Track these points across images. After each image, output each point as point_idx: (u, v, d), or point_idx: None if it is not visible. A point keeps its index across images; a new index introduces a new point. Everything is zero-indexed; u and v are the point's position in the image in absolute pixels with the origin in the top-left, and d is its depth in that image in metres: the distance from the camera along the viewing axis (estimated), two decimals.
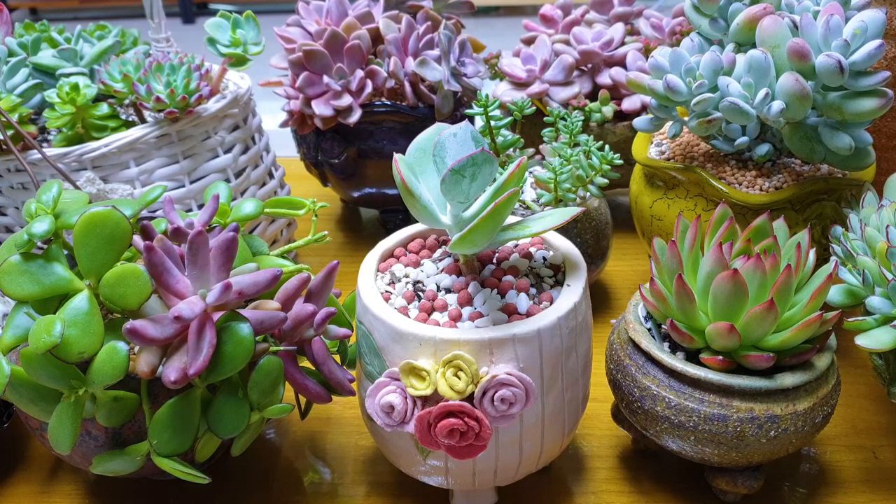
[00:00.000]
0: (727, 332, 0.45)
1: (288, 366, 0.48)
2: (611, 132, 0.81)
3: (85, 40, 0.74)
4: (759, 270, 0.46)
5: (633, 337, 0.50)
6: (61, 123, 0.65)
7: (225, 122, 0.72)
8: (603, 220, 0.69)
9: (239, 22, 0.73)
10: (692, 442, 0.48)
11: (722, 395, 0.46)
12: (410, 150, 0.47)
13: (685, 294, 0.47)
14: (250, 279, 0.43)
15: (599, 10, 0.90)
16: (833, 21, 0.52)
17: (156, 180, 0.67)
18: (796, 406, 0.46)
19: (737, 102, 0.55)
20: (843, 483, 0.54)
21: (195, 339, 0.42)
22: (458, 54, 0.78)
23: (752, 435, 0.46)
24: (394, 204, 0.85)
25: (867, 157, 0.58)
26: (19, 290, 0.43)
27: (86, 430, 0.47)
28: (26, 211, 0.47)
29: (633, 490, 0.54)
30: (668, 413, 0.48)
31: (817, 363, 0.48)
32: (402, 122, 0.77)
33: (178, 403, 0.44)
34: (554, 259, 0.51)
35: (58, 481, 0.57)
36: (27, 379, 0.43)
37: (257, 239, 0.56)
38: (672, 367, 0.47)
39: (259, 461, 0.58)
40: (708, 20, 0.62)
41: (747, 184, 0.61)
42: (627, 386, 0.50)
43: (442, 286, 0.48)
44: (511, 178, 0.44)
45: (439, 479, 0.49)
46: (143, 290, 0.42)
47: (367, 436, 0.59)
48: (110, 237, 0.44)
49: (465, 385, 0.43)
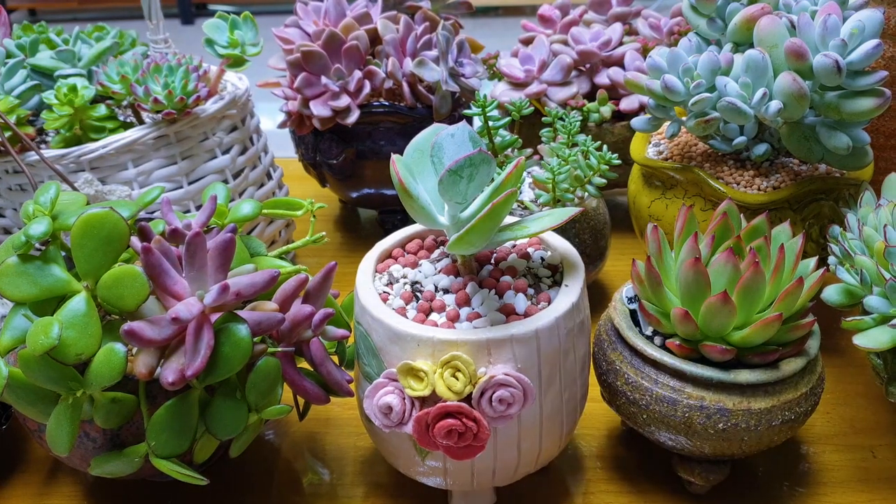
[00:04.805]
0: (682, 318, 0.46)
1: (286, 367, 0.48)
2: (609, 132, 0.81)
3: (83, 42, 0.74)
4: (729, 265, 0.46)
5: (610, 313, 0.53)
6: (59, 125, 0.65)
7: (223, 123, 0.71)
8: (601, 220, 0.69)
9: (237, 23, 0.73)
10: (644, 420, 0.49)
11: (675, 379, 0.48)
12: (408, 150, 0.47)
13: (653, 276, 0.48)
14: (248, 280, 0.43)
15: (597, 10, 0.90)
16: (830, 21, 0.52)
17: (154, 181, 0.67)
18: (751, 404, 0.47)
19: (734, 102, 0.55)
20: (841, 482, 0.54)
21: (193, 340, 0.42)
22: (457, 55, 0.78)
23: (700, 423, 0.47)
24: (392, 204, 0.84)
25: (865, 157, 0.58)
26: (17, 292, 0.43)
27: (84, 431, 0.47)
28: (24, 212, 0.47)
29: (632, 490, 0.54)
30: (625, 388, 0.50)
31: (785, 367, 0.47)
32: (400, 122, 0.77)
33: (176, 405, 0.44)
34: (552, 259, 0.51)
35: (56, 483, 0.57)
36: (25, 381, 0.43)
37: (255, 240, 0.56)
38: (634, 345, 0.49)
39: (257, 462, 0.58)
40: (706, 20, 0.62)
41: (745, 183, 0.61)
42: (598, 359, 0.53)
43: (440, 287, 0.48)
44: (509, 179, 0.44)
45: (438, 480, 0.49)
46: (141, 291, 0.42)
47: (366, 437, 0.59)
48: (108, 238, 0.43)
49: (463, 386, 0.43)
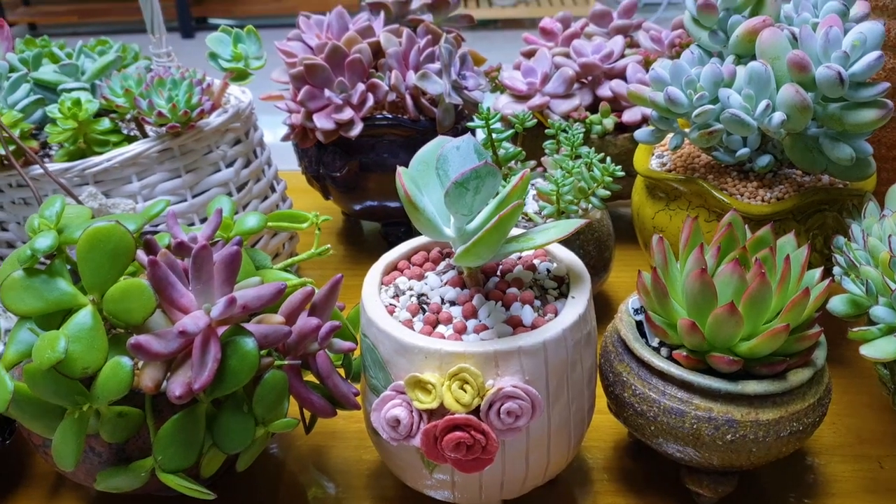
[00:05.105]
0: (689, 329, 0.46)
1: (292, 380, 0.47)
2: (611, 144, 0.81)
3: (86, 55, 0.75)
4: (735, 275, 0.46)
5: (617, 325, 0.52)
6: (63, 138, 0.65)
7: (227, 137, 0.72)
8: (605, 232, 0.69)
9: (240, 36, 0.74)
10: (651, 432, 0.49)
11: (683, 391, 0.48)
12: (413, 163, 0.47)
13: (659, 288, 0.48)
14: (254, 293, 0.43)
15: (599, 22, 0.91)
16: (832, 33, 0.53)
17: (158, 195, 0.67)
18: (759, 415, 0.47)
19: (738, 114, 0.55)
20: (848, 493, 0.54)
21: (199, 353, 0.42)
22: (459, 67, 0.78)
23: (708, 434, 0.47)
24: (395, 217, 0.85)
25: (868, 168, 0.58)
26: (22, 306, 0.43)
27: (89, 446, 0.47)
28: (29, 226, 0.47)
29: (640, 502, 0.54)
30: (632, 400, 0.49)
31: (792, 377, 0.47)
32: (403, 135, 0.77)
33: (182, 419, 0.44)
34: (558, 271, 0.51)
35: (59, 499, 0.56)
36: (31, 395, 0.43)
37: (260, 253, 0.56)
38: (641, 356, 0.49)
39: (263, 476, 0.58)
40: (708, 32, 0.63)
41: (749, 195, 0.61)
42: (605, 371, 0.53)
43: (446, 299, 0.48)
44: (515, 191, 0.44)
45: (445, 493, 0.48)
46: (148, 304, 0.42)
47: (372, 450, 0.59)
48: (114, 252, 0.43)
49: (471, 398, 0.42)
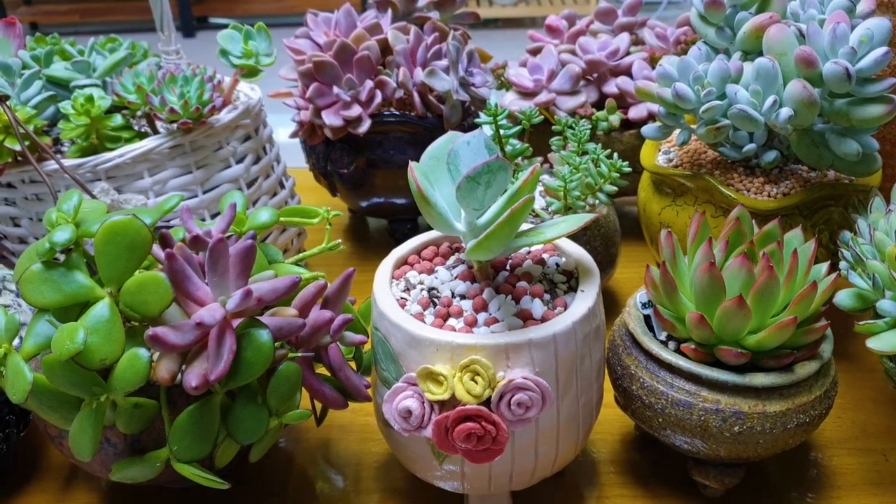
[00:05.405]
0: (698, 322, 0.47)
1: (305, 372, 0.48)
2: (617, 140, 0.82)
3: (97, 53, 0.75)
4: (743, 269, 0.46)
5: (625, 319, 0.53)
6: (76, 134, 0.66)
7: (237, 133, 0.72)
8: (612, 228, 0.69)
9: (251, 34, 0.74)
10: (659, 424, 0.50)
11: (691, 383, 0.48)
12: (424, 158, 0.48)
13: (668, 282, 0.49)
14: (270, 286, 0.44)
15: (604, 20, 0.91)
16: (839, 29, 0.53)
17: (169, 190, 0.67)
18: (766, 407, 0.47)
19: (745, 109, 0.56)
20: (853, 486, 0.55)
21: (215, 345, 0.42)
22: (466, 64, 0.79)
23: (716, 426, 0.47)
24: (402, 214, 0.85)
25: (874, 163, 0.59)
26: (41, 298, 0.44)
27: (105, 437, 0.48)
28: (47, 220, 0.48)
29: (646, 494, 0.55)
30: (640, 393, 0.50)
31: (799, 370, 0.48)
32: (411, 131, 0.78)
33: (197, 410, 0.45)
34: (567, 265, 0.51)
35: (73, 490, 0.57)
36: (49, 386, 0.44)
37: (272, 247, 0.56)
38: (649, 349, 0.50)
39: (273, 468, 0.59)
40: (714, 29, 0.63)
41: (755, 190, 0.61)
42: (613, 364, 0.53)
43: (457, 292, 0.49)
44: (525, 185, 0.45)
45: (455, 484, 0.49)
46: (165, 297, 0.43)
47: (380, 442, 0.59)
48: (131, 245, 0.44)
49: (483, 389, 0.43)
